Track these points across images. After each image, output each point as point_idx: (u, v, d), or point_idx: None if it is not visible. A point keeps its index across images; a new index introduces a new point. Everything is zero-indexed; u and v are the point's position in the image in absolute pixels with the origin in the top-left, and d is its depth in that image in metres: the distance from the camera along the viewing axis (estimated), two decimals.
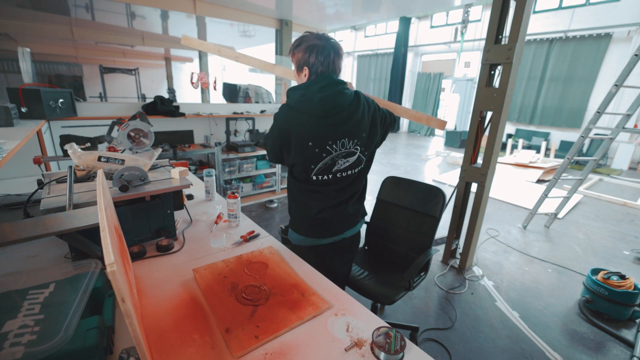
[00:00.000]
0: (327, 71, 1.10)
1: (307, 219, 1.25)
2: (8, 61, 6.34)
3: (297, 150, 1.10)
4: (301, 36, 1.12)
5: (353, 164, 1.18)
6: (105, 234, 0.48)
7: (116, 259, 0.47)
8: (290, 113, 1.10)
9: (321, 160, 1.12)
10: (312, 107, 1.07)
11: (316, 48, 1.07)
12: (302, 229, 1.28)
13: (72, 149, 1.15)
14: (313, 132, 1.08)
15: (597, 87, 7.50)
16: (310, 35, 1.10)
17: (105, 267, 0.42)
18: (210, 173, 1.70)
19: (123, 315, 0.45)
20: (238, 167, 3.83)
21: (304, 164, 1.13)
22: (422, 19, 10.84)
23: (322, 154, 1.11)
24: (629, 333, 2.04)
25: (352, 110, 1.12)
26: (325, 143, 1.10)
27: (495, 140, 2.38)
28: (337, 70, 1.13)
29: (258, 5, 4.45)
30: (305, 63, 1.10)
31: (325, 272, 1.10)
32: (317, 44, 1.08)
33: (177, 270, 1.07)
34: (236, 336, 0.77)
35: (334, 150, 1.12)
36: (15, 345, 0.58)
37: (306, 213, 1.24)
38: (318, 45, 1.07)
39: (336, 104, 1.08)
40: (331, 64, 1.10)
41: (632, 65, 2.84)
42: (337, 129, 1.10)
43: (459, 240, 2.87)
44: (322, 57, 1.07)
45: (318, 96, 1.06)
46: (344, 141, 1.12)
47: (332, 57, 1.09)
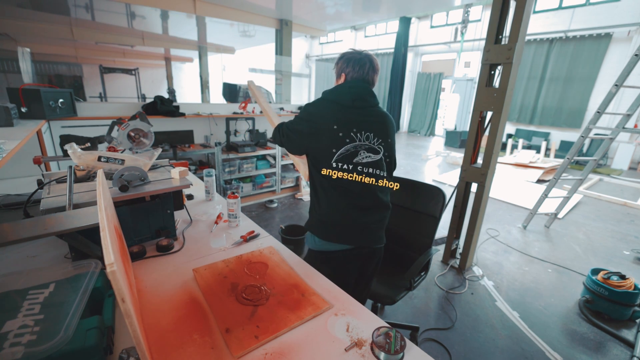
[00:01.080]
0: (361, 79, 1.22)
1: (327, 218, 1.21)
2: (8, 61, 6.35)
3: (322, 133, 1.16)
4: (345, 51, 1.27)
5: (375, 163, 1.19)
6: (105, 234, 0.48)
7: (116, 259, 0.47)
8: (320, 101, 1.21)
9: (344, 145, 1.15)
10: (341, 96, 1.18)
11: (354, 59, 1.21)
12: (320, 230, 1.24)
13: (72, 149, 1.15)
14: (338, 116, 1.16)
15: (597, 87, 7.50)
16: (352, 50, 1.25)
17: (105, 267, 0.42)
18: (210, 173, 1.70)
19: (123, 315, 0.45)
20: (238, 167, 3.83)
21: (327, 148, 1.16)
22: (422, 19, 10.84)
23: (346, 139, 1.15)
24: (629, 333, 2.04)
25: (380, 113, 1.23)
26: (350, 129, 1.15)
27: (495, 140, 2.38)
28: (370, 81, 1.24)
29: (258, 5, 4.45)
30: (343, 70, 1.24)
31: (340, 282, 1.07)
32: (356, 56, 1.22)
33: (177, 270, 1.07)
34: (236, 336, 0.77)
35: (358, 139, 1.16)
36: (15, 345, 0.58)
37: (326, 212, 1.21)
38: (356, 57, 1.21)
39: (363, 97, 1.19)
40: (365, 74, 1.21)
41: (632, 65, 2.84)
42: (362, 119, 1.17)
43: (459, 240, 2.87)
44: (358, 66, 1.20)
45: (348, 89, 1.19)
46: (369, 135, 1.18)
47: (367, 68, 1.21)
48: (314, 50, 14.99)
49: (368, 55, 1.23)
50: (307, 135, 1.18)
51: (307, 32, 6.00)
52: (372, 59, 1.23)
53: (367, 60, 1.22)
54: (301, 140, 1.21)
